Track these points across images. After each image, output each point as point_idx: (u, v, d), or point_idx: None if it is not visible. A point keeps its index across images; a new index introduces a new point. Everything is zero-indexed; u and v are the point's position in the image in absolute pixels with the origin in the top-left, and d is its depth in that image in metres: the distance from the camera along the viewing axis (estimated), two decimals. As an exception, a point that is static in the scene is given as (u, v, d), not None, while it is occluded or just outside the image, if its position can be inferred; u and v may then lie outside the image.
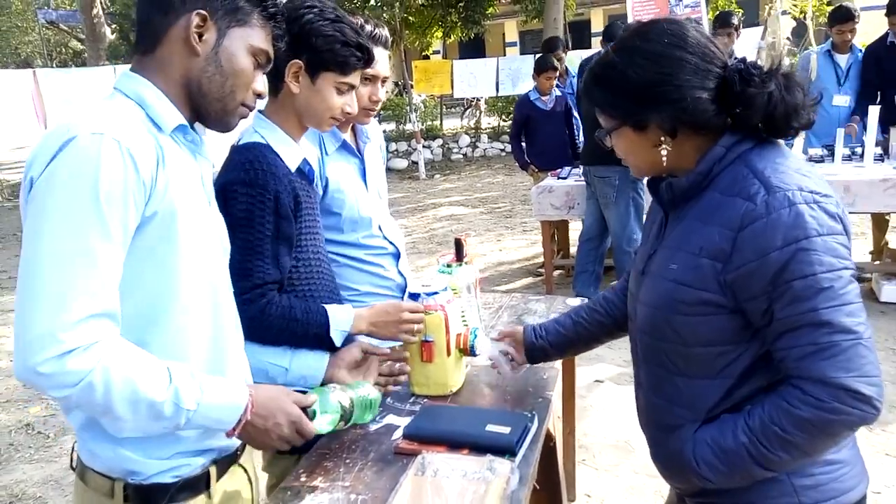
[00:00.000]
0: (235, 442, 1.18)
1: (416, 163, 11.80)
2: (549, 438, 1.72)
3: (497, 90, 10.77)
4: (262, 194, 1.35)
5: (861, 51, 4.33)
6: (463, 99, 14.44)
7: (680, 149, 1.11)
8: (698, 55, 1.06)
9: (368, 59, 1.47)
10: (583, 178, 4.38)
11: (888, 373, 3.19)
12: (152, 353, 1.01)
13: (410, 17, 12.96)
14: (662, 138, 1.10)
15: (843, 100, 4.26)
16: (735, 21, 4.76)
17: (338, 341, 1.44)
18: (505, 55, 17.49)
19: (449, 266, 1.85)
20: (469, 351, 1.63)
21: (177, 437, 1.08)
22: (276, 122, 1.47)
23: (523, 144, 5.49)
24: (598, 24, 18.83)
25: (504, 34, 20.85)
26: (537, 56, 5.22)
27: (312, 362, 1.45)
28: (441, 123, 14.16)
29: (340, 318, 1.45)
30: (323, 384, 1.43)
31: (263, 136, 1.44)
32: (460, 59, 18.51)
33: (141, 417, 0.96)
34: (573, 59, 7.38)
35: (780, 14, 4.51)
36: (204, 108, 1.11)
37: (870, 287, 4.36)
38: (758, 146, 1.09)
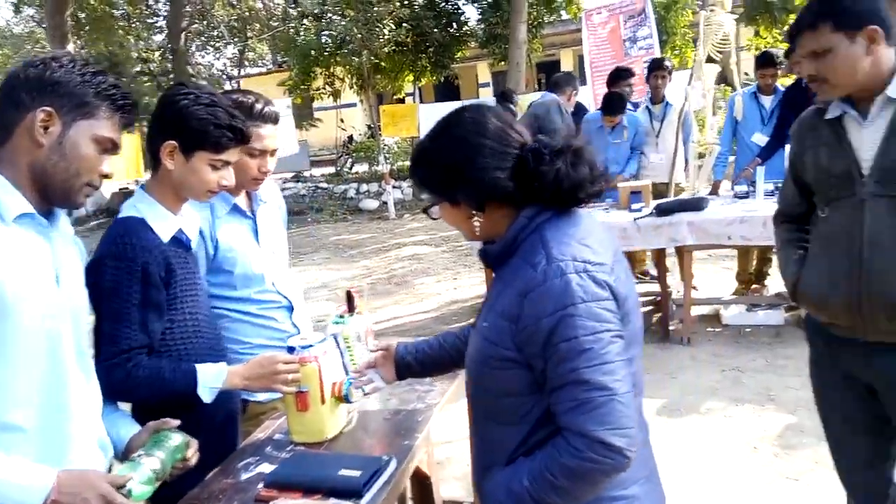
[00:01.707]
0: None
1: (386, 203, 11.99)
2: (423, 477, 1.81)
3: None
4: (130, 266, 1.47)
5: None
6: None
7: (491, 219, 1.25)
8: (496, 140, 1.21)
9: (242, 138, 1.61)
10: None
11: (773, 395, 3.32)
12: None
13: (382, 63, 13.28)
14: (473, 212, 1.25)
15: (763, 139, 4.48)
16: (668, 64, 5.01)
17: (206, 398, 1.55)
18: (479, 96, 17.91)
19: (342, 317, 1.98)
20: (343, 398, 1.73)
21: None
22: (155, 195, 1.61)
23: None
24: (567, 64, 19.34)
25: (477, 76, 21.34)
26: (496, 101, 5.46)
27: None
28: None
29: (210, 376, 1.56)
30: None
31: (140, 210, 1.58)
32: (435, 101, 18.94)
33: None
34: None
35: (704, 61, 4.76)
36: (49, 190, 1.24)
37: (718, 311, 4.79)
38: (556, 216, 1.22)
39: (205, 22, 21.83)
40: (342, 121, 14.84)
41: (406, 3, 12.25)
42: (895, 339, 1.69)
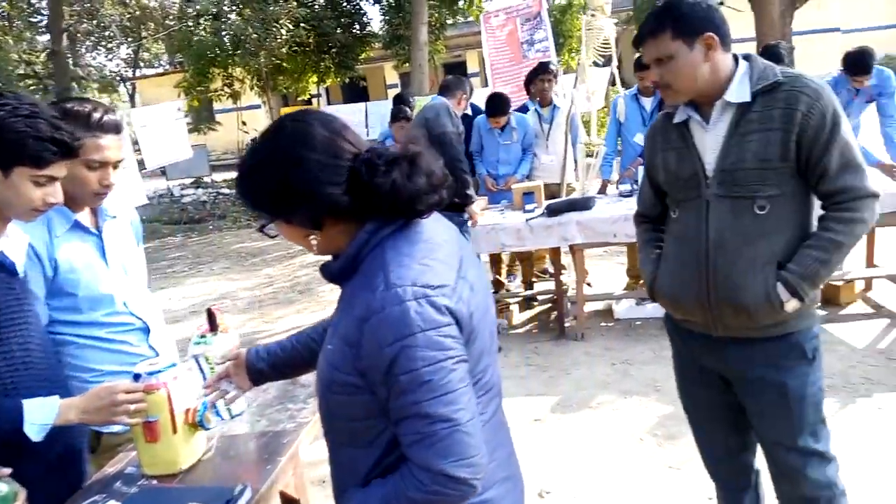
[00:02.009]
0: None
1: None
2: (290, 501, 1.75)
3: (367, 135, 10.92)
4: None
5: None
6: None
7: (329, 236, 1.17)
8: (325, 152, 1.11)
9: (67, 152, 1.48)
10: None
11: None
12: None
13: (283, 63, 12.95)
14: (309, 230, 1.17)
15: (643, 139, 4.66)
16: (553, 68, 5.12)
17: (35, 436, 1.41)
18: (387, 97, 17.80)
19: (203, 337, 1.88)
20: (198, 425, 1.64)
21: None
22: None
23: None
24: (473, 66, 19.57)
25: (384, 77, 21.24)
26: (392, 109, 5.39)
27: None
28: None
29: (39, 411, 1.43)
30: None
31: None
32: (344, 102, 18.67)
33: None
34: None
35: (589, 64, 4.90)
36: None
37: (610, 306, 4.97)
38: (399, 231, 1.16)
39: (94, 21, 20.63)
40: (244, 123, 14.36)
41: (305, 2, 11.98)
42: (742, 333, 1.77)
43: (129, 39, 22.24)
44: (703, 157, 1.75)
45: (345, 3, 12.72)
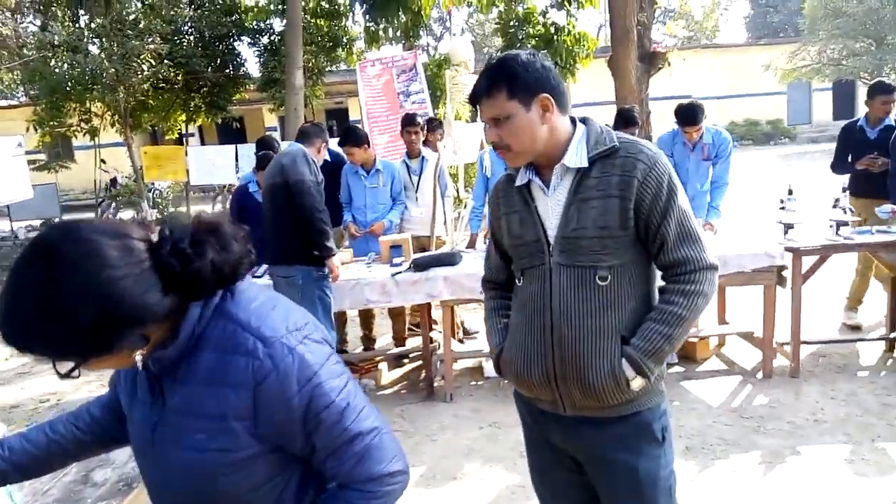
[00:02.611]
0: None
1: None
2: None
3: (237, 176, 10.41)
4: None
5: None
6: (215, 185, 13.85)
7: (155, 335, 1.06)
8: (128, 263, 0.97)
9: None
10: (277, 277, 4.18)
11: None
12: None
13: (149, 100, 12.19)
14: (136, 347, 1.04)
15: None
16: (420, 121, 5.06)
17: None
18: (266, 139, 17.21)
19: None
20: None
21: None
22: None
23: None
24: (355, 112, 19.52)
25: (263, 119, 20.71)
26: (258, 153, 5.04)
27: None
28: (188, 209, 13.35)
29: None
30: None
31: None
32: (219, 142, 17.92)
33: None
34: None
35: (453, 118, 4.87)
36: None
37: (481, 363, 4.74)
38: (227, 295, 1.11)
39: (-65, 44, 18.65)
40: (103, 161, 13.31)
41: (172, 39, 11.40)
42: (590, 413, 1.65)
43: (-22, 66, 20.29)
44: (545, 223, 1.64)
45: (217, 43, 12.23)
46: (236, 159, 10.15)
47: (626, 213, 1.55)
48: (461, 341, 5.40)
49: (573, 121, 1.66)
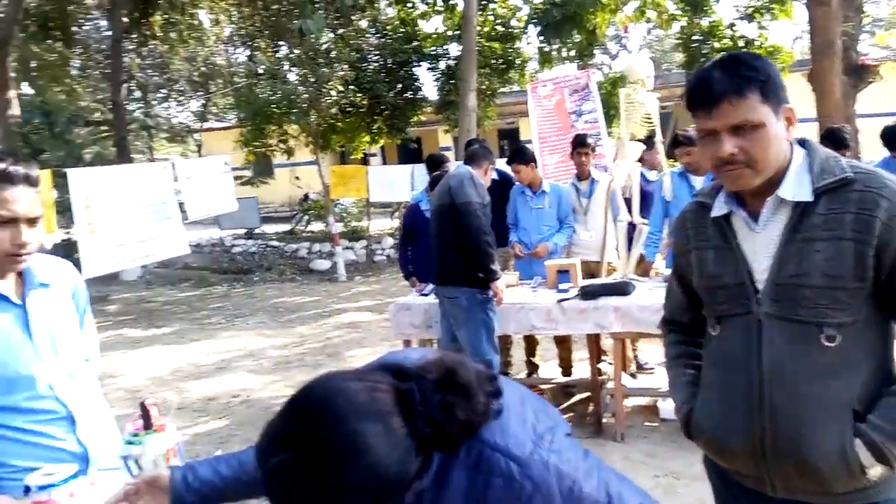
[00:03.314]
0: None
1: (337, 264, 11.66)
2: None
3: (412, 193, 10.85)
4: None
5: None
6: (394, 202, 14.59)
7: None
8: (391, 446, 0.92)
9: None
10: (442, 297, 4.22)
11: None
12: None
13: (338, 123, 13.17)
14: None
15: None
16: (590, 141, 4.87)
17: None
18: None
19: (136, 435, 1.59)
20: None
21: None
22: None
23: (409, 254, 5.35)
24: (526, 133, 19.55)
25: (438, 140, 21.46)
26: (431, 173, 5.17)
27: None
28: (368, 225, 14.15)
29: None
30: None
31: None
32: (399, 162, 18.90)
33: None
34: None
35: (628, 139, 4.61)
36: None
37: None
38: None
39: (166, 75, 21.65)
40: (297, 178, 14.59)
41: (359, 66, 12.22)
42: (810, 498, 1.36)
43: (199, 93, 23.23)
44: (752, 264, 1.39)
45: (398, 68, 12.92)
46: (412, 177, 10.58)
47: (864, 261, 1.28)
48: (634, 376, 5.09)
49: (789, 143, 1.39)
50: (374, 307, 8.90)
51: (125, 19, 13.85)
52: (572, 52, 11.63)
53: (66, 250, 9.35)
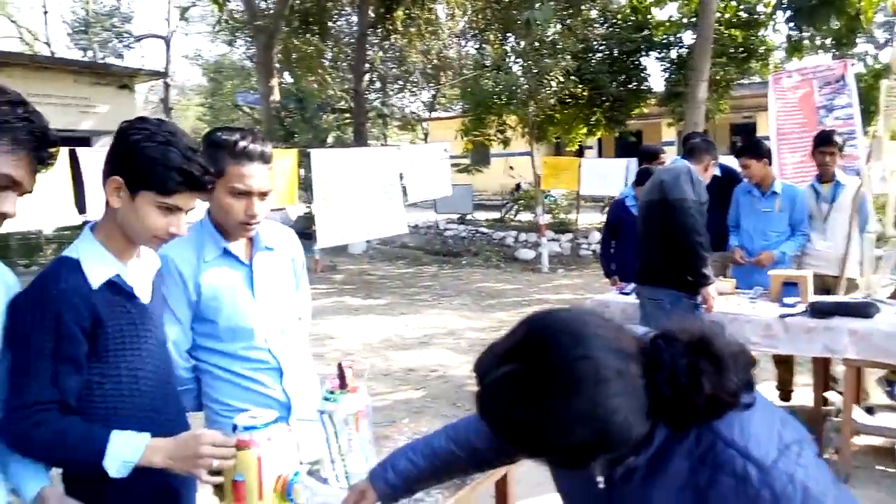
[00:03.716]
0: None
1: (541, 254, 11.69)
2: None
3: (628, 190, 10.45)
4: (42, 315, 1.34)
5: None
6: (605, 196, 14.23)
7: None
8: (626, 390, 0.88)
9: (194, 185, 1.44)
10: (644, 297, 3.99)
11: None
12: None
13: (556, 115, 13.13)
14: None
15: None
16: (837, 140, 4.23)
17: (114, 472, 1.35)
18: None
19: (332, 393, 1.72)
20: (286, 497, 1.46)
21: None
22: (100, 235, 1.48)
23: (612, 251, 5.17)
24: (763, 129, 17.77)
25: (661, 134, 20.39)
26: (640, 168, 4.97)
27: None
28: (577, 218, 13.96)
29: (125, 448, 1.36)
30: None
31: (78, 251, 1.45)
32: (616, 156, 18.38)
33: None
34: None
35: (888, 137, 3.91)
36: None
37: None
38: None
39: (403, 68, 23.26)
40: (511, 168, 14.86)
41: (582, 56, 12.00)
42: None
43: (430, 84, 24.63)
44: None
45: (624, 58, 12.45)
46: (627, 171, 10.18)
47: None
48: (869, 410, 4.39)
49: None
50: (574, 301, 8.75)
51: (372, 14, 15.11)
52: (827, 41, 10.27)
53: (306, 223, 10.60)
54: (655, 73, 13.80)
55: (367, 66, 15.69)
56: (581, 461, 0.91)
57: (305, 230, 9.79)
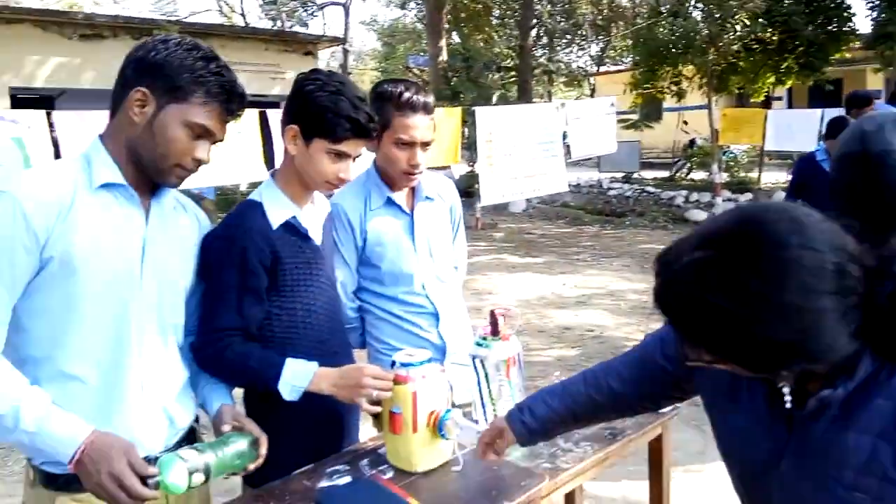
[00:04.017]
0: None
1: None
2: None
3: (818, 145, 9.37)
4: (230, 249, 1.49)
5: None
6: (794, 152, 12.91)
7: (809, 375, 0.90)
8: (838, 291, 0.80)
9: (361, 132, 1.52)
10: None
11: None
12: (57, 364, 1.24)
13: (739, 63, 12.02)
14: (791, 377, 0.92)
15: None
16: None
17: (287, 395, 1.50)
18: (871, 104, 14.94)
19: (484, 339, 1.78)
20: (437, 432, 1.54)
21: None
22: (280, 181, 1.62)
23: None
24: None
25: (866, 82, 17.92)
26: (832, 119, 4.46)
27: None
28: (759, 176, 12.83)
29: (297, 373, 1.50)
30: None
31: (261, 195, 1.60)
32: (808, 107, 16.58)
33: None
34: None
35: None
36: (142, 168, 1.32)
37: None
38: None
39: (571, 21, 22.51)
40: (685, 123, 13.92)
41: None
42: None
43: (599, 37, 23.65)
44: None
45: (822, -4, 11.05)
46: (820, 123, 9.11)
47: None
48: None
49: None
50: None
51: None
52: None
53: (468, 181, 10.80)
54: (861, 12, 12.07)
55: (534, 21, 15.41)
56: (773, 365, 0.83)
57: (468, 188, 10.01)
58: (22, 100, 9.98)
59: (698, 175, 14.25)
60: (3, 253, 1.19)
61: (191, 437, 1.49)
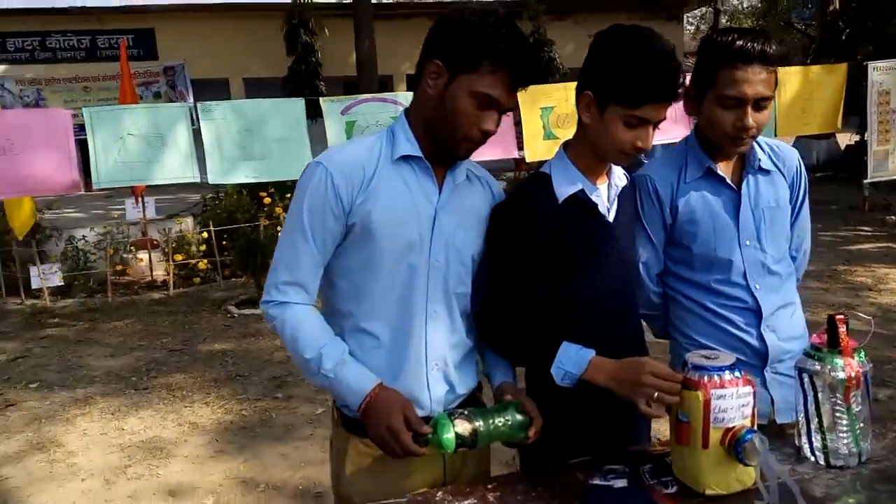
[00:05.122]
0: None
1: None
2: None
3: None
4: (510, 224, 1.43)
5: None
6: None
7: None
8: None
9: (664, 93, 1.31)
10: None
11: None
12: (357, 320, 1.37)
13: None
14: None
15: None
16: None
17: (559, 380, 1.38)
18: None
19: (817, 350, 1.42)
20: (734, 453, 1.27)
21: None
22: (572, 153, 1.50)
23: None
24: None
25: None
26: None
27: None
28: None
29: (570, 359, 1.38)
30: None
31: (550, 167, 1.50)
32: None
33: (297, 362, 1.35)
34: None
35: None
36: (436, 141, 1.34)
37: None
38: None
39: None
40: None
41: None
42: None
43: None
44: None
45: None
46: None
47: None
48: None
49: None
50: None
51: None
52: None
53: (856, 153, 8.98)
54: None
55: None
56: None
57: (853, 161, 8.31)
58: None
59: None
60: (315, 215, 1.33)
61: (471, 402, 1.50)
